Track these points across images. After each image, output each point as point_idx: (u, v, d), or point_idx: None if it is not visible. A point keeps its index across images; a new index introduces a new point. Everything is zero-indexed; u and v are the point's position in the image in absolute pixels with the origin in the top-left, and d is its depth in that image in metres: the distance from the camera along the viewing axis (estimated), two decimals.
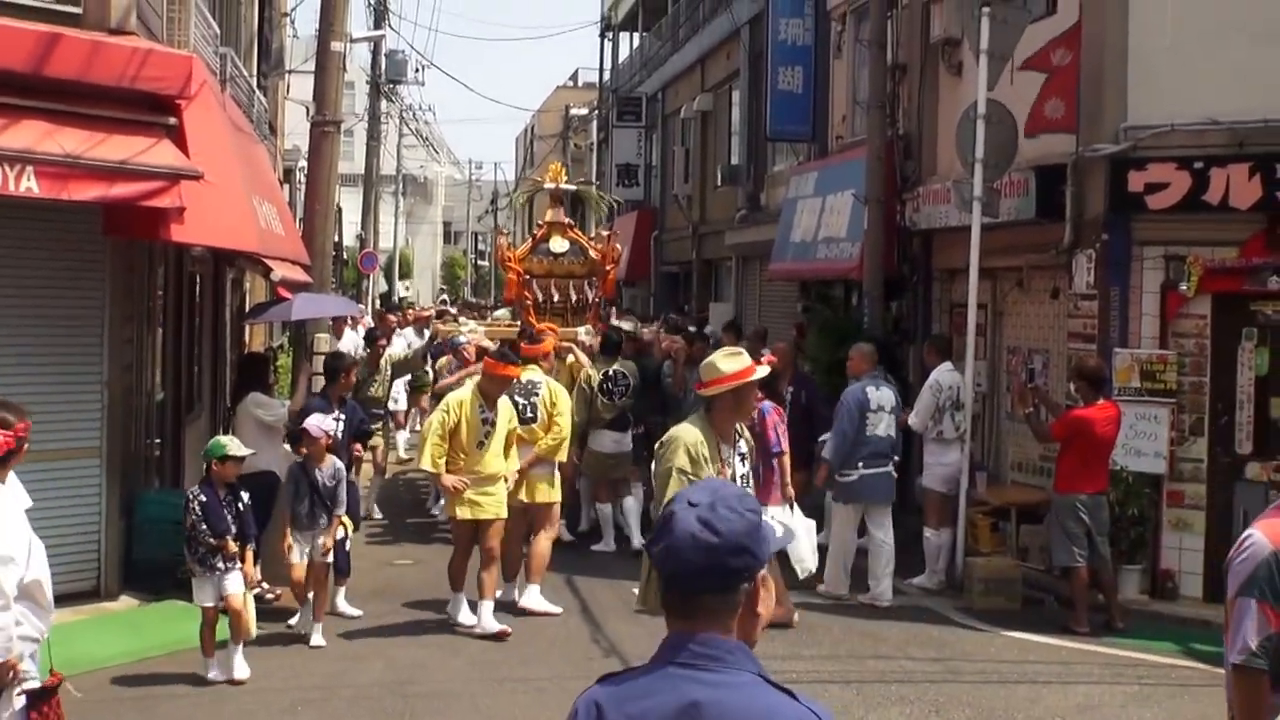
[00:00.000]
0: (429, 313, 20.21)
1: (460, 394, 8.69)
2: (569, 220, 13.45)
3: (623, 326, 12.79)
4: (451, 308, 23.37)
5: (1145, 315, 9.91)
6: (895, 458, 9.91)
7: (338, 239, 26.41)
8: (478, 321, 14.62)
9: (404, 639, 8.42)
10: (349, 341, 14.52)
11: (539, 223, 13.72)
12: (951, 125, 11.52)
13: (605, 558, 10.95)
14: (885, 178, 13.40)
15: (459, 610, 8.64)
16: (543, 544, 9.12)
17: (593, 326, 12.38)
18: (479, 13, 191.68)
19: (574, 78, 53.51)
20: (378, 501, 12.82)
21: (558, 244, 12.81)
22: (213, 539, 7.28)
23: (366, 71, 32.53)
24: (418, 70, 36.69)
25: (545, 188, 13.45)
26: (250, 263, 13.33)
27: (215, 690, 7.23)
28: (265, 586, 8.59)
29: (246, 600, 7.43)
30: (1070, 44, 10.42)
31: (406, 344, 14.62)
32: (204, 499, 7.33)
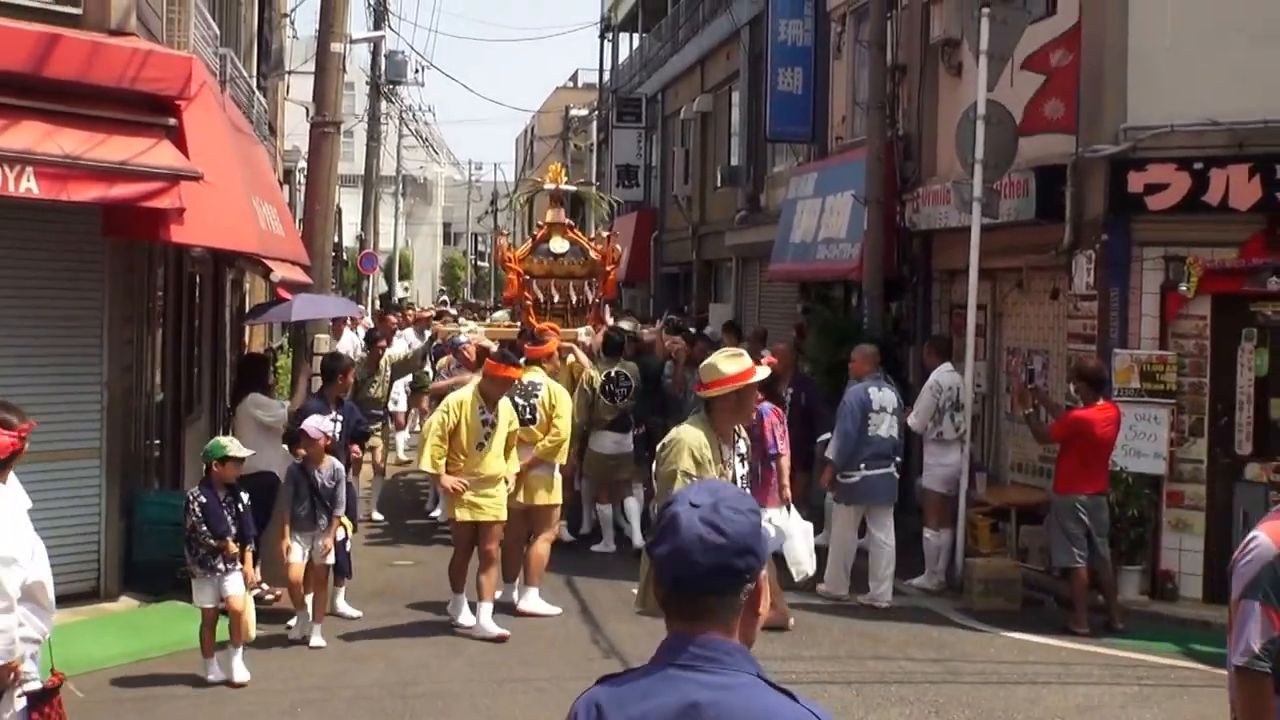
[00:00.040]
0: (429, 313, 20.23)
1: (460, 395, 8.66)
2: (569, 221, 13.45)
3: (623, 327, 12.78)
4: (451, 308, 23.37)
5: (1145, 316, 9.91)
6: (898, 458, 9.92)
7: (337, 240, 26.38)
8: (477, 322, 14.62)
9: (404, 640, 8.41)
10: (348, 342, 14.53)
11: (539, 223, 13.71)
12: (951, 126, 11.53)
13: (605, 558, 10.94)
14: (885, 178, 13.39)
15: (459, 611, 8.63)
16: (541, 547, 9.10)
17: (593, 327, 12.37)
18: (479, 13, 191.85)
19: (574, 78, 53.54)
20: (378, 503, 12.81)
21: (558, 245, 12.81)
22: (213, 540, 7.28)
23: (366, 72, 32.51)
24: (417, 71, 36.74)
25: (545, 188, 13.46)
26: (250, 263, 13.34)
27: (215, 691, 7.23)
28: (265, 587, 8.58)
29: (246, 601, 7.43)
30: (1070, 44, 10.42)
31: (407, 345, 14.63)
32: (204, 500, 7.34)
